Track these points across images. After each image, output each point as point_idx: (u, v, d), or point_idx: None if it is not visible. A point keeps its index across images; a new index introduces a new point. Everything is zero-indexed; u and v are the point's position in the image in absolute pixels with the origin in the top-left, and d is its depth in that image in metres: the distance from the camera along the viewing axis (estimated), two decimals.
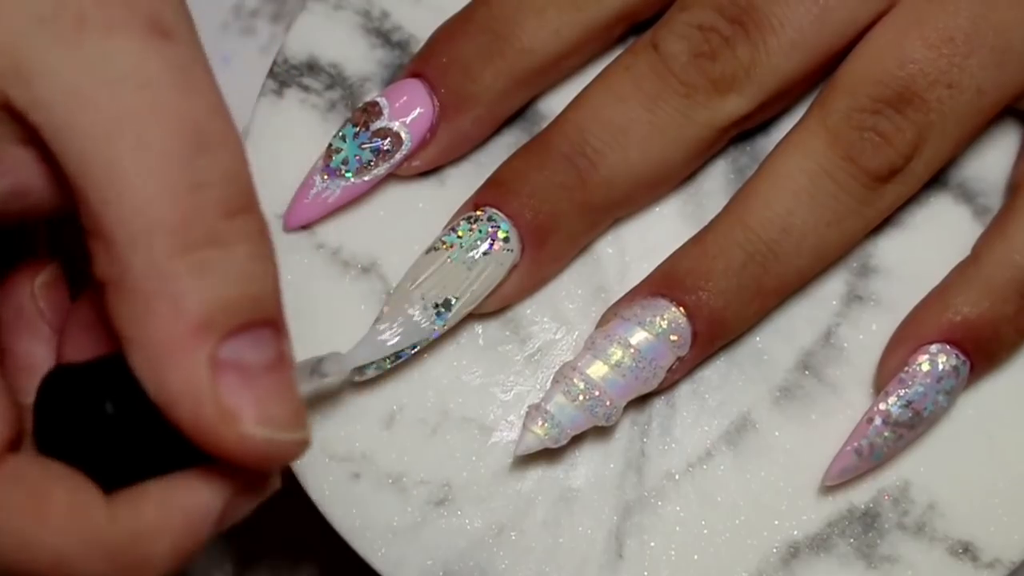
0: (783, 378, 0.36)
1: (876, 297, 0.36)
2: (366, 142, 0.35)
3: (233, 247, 0.26)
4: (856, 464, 0.34)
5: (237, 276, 0.26)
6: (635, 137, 0.34)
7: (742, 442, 0.35)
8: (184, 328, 0.25)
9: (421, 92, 0.35)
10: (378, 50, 0.37)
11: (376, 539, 0.34)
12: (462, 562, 0.34)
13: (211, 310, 0.26)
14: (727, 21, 0.34)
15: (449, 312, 0.34)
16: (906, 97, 0.33)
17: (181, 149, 0.26)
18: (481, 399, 0.35)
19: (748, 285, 0.34)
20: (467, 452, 0.35)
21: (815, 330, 0.36)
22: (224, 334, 0.26)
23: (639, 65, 0.34)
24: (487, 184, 0.35)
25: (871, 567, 0.34)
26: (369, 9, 0.37)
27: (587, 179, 0.34)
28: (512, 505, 0.35)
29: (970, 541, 0.35)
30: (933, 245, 0.36)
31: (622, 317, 0.34)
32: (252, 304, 0.26)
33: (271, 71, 0.37)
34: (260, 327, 0.26)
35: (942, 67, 0.33)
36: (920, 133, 0.33)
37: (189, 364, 0.25)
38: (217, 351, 0.26)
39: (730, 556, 0.35)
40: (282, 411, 0.26)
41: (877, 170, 0.33)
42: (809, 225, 0.34)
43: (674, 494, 0.35)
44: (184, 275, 0.25)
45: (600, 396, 0.33)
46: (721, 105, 0.34)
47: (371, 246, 0.36)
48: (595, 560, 0.34)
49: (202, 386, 0.25)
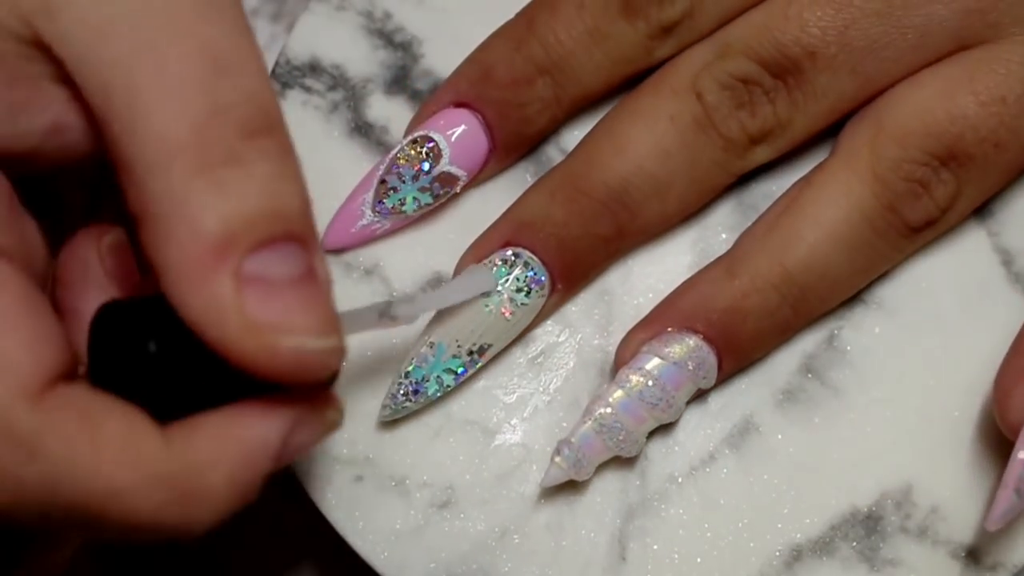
0: (786, 381, 0.36)
1: (879, 300, 0.36)
2: (427, 186, 0.35)
3: (253, 165, 0.26)
4: (1016, 504, 0.33)
5: (258, 192, 0.26)
6: (676, 193, 0.34)
7: (745, 445, 0.35)
8: (204, 246, 0.25)
9: (477, 132, 0.35)
10: (380, 51, 0.37)
11: (379, 542, 0.34)
12: (465, 565, 0.34)
13: (231, 226, 0.25)
14: (771, 76, 0.34)
15: (482, 357, 0.34)
16: (954, 152, 0.33)
17: (200, 72, 0.26)
18: (484, 402, 0.35)
19: (778, 325, 0.34)
20: (470, 455, 0.35)
21: (817, 333, 0.36)
22: (247, 249, 0.25)
23: (683, 115, 0.34)
24: (519, 222, 0.35)
25: (873, 570, 0.35)
26: (372, 10, 0.37)
27: (625, 231, 0.34)
28: (515, 508, 0.35)
29: (972, 545, 0.35)
30: (936, 248, 0.36)
31: (654, 354, 0.34)
32: (275, 219, 0.26)
33: (273, 72, 0.37)
34: (285, 241, 0.26)
35: (991, 126, 0.33)
36: (960, 186, 0.34)
37: (213, 282, 0.25)
38: (240, 267, 0.25)
39: (733, 559, 0.35)
40: (310, 319, 0.26)
41: (916, 222, 0.34)
42: (844, 272, 0.34)
43: (677, 497, 0.35)
44: (201, 194, 0.25)
45: (627, 431, 0.33)
46: (751, 156, 0.34)
47: (374, 249, 0.36)
48: (598, 563, 0.34)
49: (227, 302, 0.25)
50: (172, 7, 0.26)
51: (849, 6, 0.33)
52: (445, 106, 0.35)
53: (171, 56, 0.26)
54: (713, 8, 0.34)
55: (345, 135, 0.37)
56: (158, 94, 0.25)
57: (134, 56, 0.26)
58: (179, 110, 0.25)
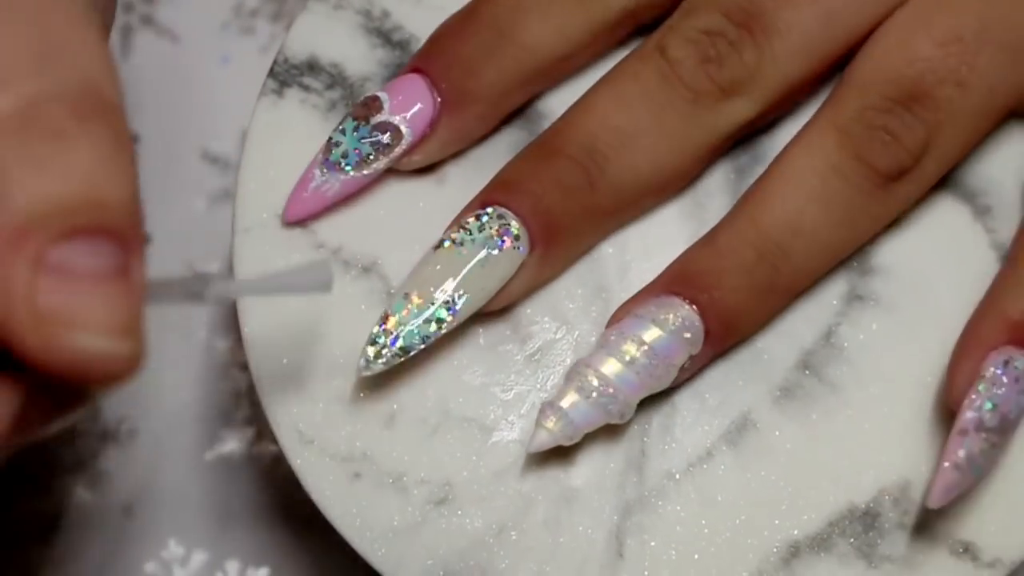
0: (783, 377, 0.36)
1: (876, 297, 0.36)
2: (366, 136, 0.35)
3: (78, 147, 0.24)
4: (958, 480, 0.33)
5: (79, 177, 0.24)
6: (643, 144, 0.34)
7: (742, 442, 0.35)
8: (10, 223, 0.23)
9: (422, 87, 0.35)
10: (379, 50, 0.37)
11: (376, 539, 0.34)
12: (462, 562, 0.34)
13: (42, 207, 0.24)
14: (734, 26, 0.34)
15: (458, 308, 0.34)
16: (916, 96, 0.33)
17: (30, 49, 0.25)
18: (481, 399, 0.35)
19: (760, 284, 0.34)
20: (467, 452, 0.35)
21: (815, 329, 0.36)
22: (55, 235, 0.24)
23: (646, 72, 0.34)
24: (494, 183, 0.35)
25: (872, 567, 0.34)
26: (370, 9, 0.37)
27: (596, 183, 0.34)
28: (512, 505, 0.35)
29: (971, 541, 0.35)
30: (933, 245, 0.36)
31: (635, 315, 0.34)
32: (93, 208, 0.24)
33: (271, 71, 0.37)
34: (99, 234, 0.24)
35: (951, 65, 0.33)
36: (930, 132, 0.33)
37: (10, 261, 0.23)
38: (45, 252, 0.23)
39: (730, 556, 0.35)
40: (104, 317, 0.24)
41: (887, 169, 0.34)
42: (820, 225, 0.34)
43: (674, 494, 0.35)
44: (15, 168, 0.24)
45: (613, 393, 0.33)
46: (727, 110, 0.34)
47: (372, 246, 0.36)
48: (595, 560, 0.34)
49: (19, 286, 0.23)
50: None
51: None
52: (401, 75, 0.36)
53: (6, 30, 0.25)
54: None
55: None
56: None
57: None
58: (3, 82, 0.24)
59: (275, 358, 0.35)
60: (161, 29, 0.46)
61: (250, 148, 0.36)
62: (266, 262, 0.36)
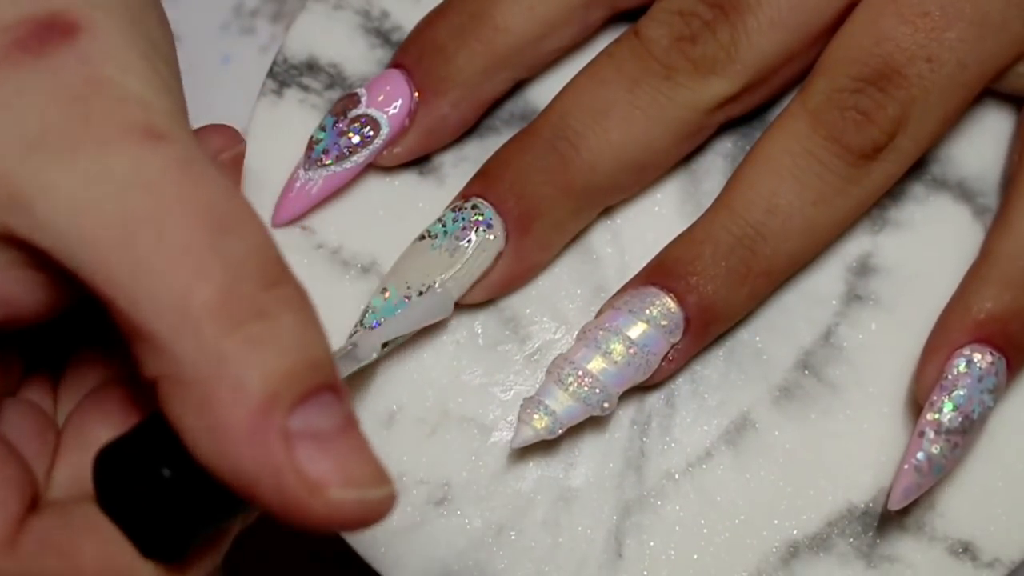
0: (783, 378, 0.36)
1: (875, 297, 0.36)
2: (344, 130, 0.35)
3: (280, 317, 0.26)
4: (918, 481, 0.33)
5: (291, 345, 0.25)
6: (616, 119, 0.34)
7: (742, 442, 0.35)
8: (251, 407, 0.25)
9: (400, 80, 0.35)
10: (378, 50, 0.37)
11: (376, 538, 0.34)
12: (461, 562, 0.34)
13: (273, 383, 0.25)
14: (707, 6, 0.34)
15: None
16: (885, 74, 0.33)
17: (202, 233, 0.25)
18: (481, 399, 0.35)
19: (737, 268, 0.34)
20: (467, 452, 0.35)
21: (814, 330, 0.36)
22: (291, 405, 0.25)
23: (621, 51, 0.34)
24: (474, 176, 0.35)
25: (871, 566, 0.34)
26: (369, 9, 0.38)
27: (569, 162, 0.34)
28: (511, 505, 0.35)
29: (970, 541, 0.35)
30: (933, 245, 0.36)
31: (614, 307, 0.34)
32: (311, 371, 0.26)
33: (271, 71, 0.37)
34: (323, 392, 0.26)
35: (920, 41, 0.33)
36: (903, 109, 0.33)
37: (263, 442, 0.25)
38: (287, 423, 0.25)
39: (730, 556, 0.35)
40: (365, 469, 0.26)
41: (860, 148, 0.33)
42: (795, 205, 0.34)
43: (674, 494, 0.35)
44: (238, 353, 0.25)
45: (595, 386, 0.33)
46: (704, 87, 0.34)
47: (371, 246, 0.36)
48: (594, 560, 0.34)
49: (280, 462, 0.25)
50: (156, 179, 0.26)
51: None
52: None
53: (167, 222, 0.25)
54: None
55: None
56: (164, 261, 0.25)
57: (127, 229, 0.25)
58: (191, 272, 0.25)
59: None
60: None
61: (250, 148, 0.36)
62: None
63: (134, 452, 0.27)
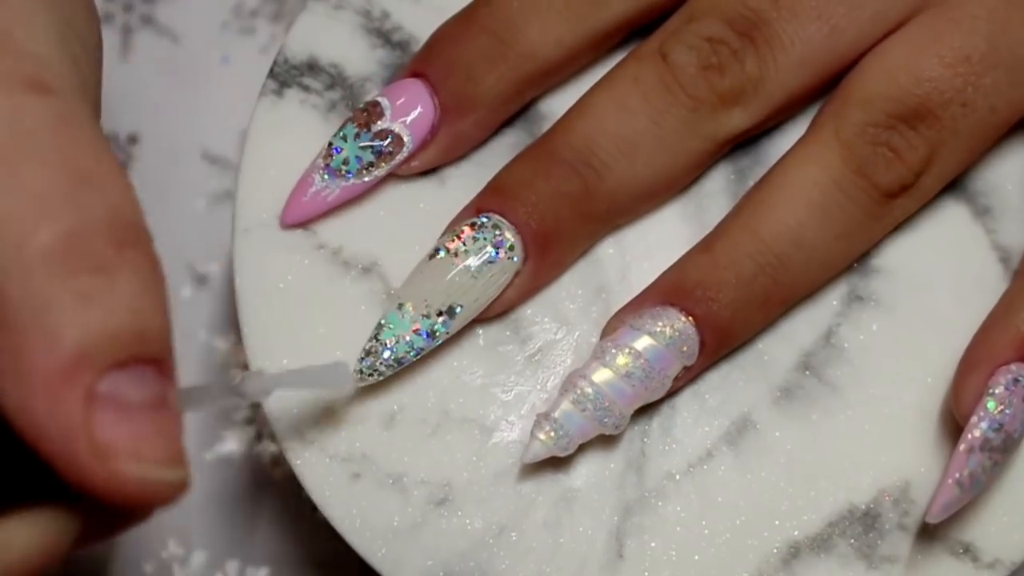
0: (783, 378, 0.36)
1: (876, 297, 0.36)
2: (368, 143, 0.35)
3: (120, 277, 0.25)
4: (959, 497, 0.33)
5: (124, 308, 0.25)
6: (642, 150, 0.34)
7: (742, 442, 0.35)
8: (61, 359, 0.24)
9: (422, 92, 0.35)
10: (379, 50, 0.37)
11: (376, 539, 0.34)
12: (462, 562, 0.34)
13: (90, 341, 0.24)
14: (736, 34, 0.34)
15: (453, 320, 0.34)
16: (920, 114, 0.33)
17: (60, 182, 0.25)
18: (482, 399, 0.35)
19: (757, 296, 0.34)
20: (467, 452, 0.35)
21: (815, 330, 0.36)
22: (103, 367, 0.25)
23: (647, 76, 0.34)
24: (489, 189, 0.35)
25: (872, 567, 0.34)
26: (370, 9, 0.37)
27: (592, 190, 0.34)
28: (512, 505, 0.35)
29: (971, 542, 0.35)
30: (934, 245, 0.36)
31: (631, 326, 0.34)
32: (137, 339, 0.25)
33: (271, 71, 0.37)
34: (144, 364, 0.25)
35: (957, 86, 0.33)
36: (932, 150, 0.34)
37: (64, 397, 0.24)
38: (95, 385, 0.25)
39: (730, 556, 0.35)
40: (159, 450, 0.25)
41: (888, 186, 0.34)
42: (819, 238, 0.34)
43: (674, 494, 0.35)
44: (63, 303, 0.24)
45: (608, 404, 0.33)
46: (726, 119, 0.34)
47: (372, 246, 0.36)
48: (595, 560, 0.34)
49: (75, 420, 0.24)
50: (30, 127, 0.26)
51: None
52: (400, 78, 0.36)
53: (26, 168, 0.25)
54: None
55: None
56: (13, 200, 0.25)
57: None
58: (39, 215, 0.25)
59: (275, 358, 0.35)
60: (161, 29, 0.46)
61: (250, 148, 0.36)
62: (266, 262, 0.36)
63: None
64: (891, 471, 0.35)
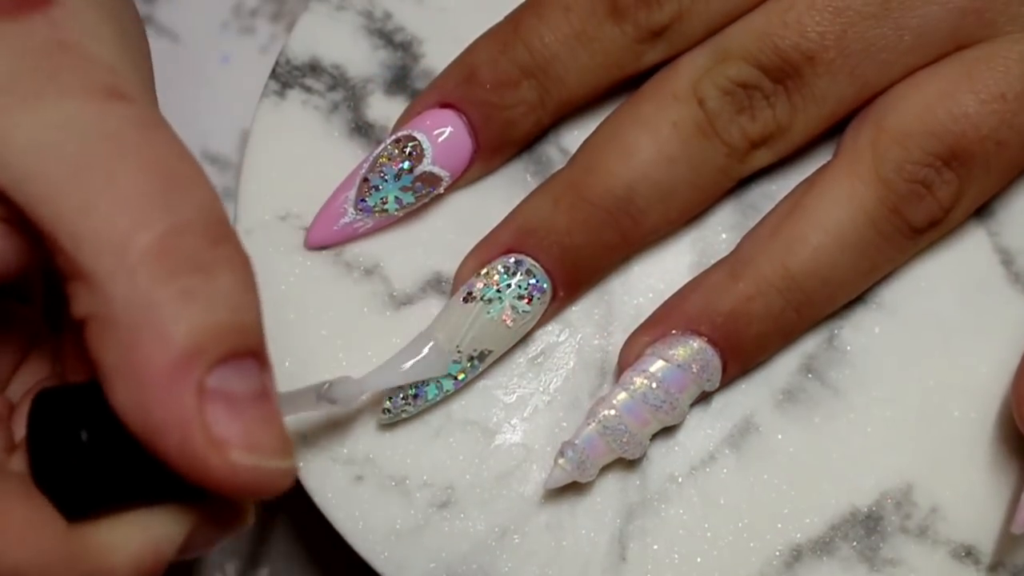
0: (786, 381, 0.36)
1: (879, 300, 0.36)
2: (409, 185, 0.35)
3: (218, 274, 0.26)
4: None
5: (224, 304, 0.26)
6: (678, 196, 0.34)
7: (745, 445, 0.35)
8: (172, 356, 0.25)
9: (460, 131, 0.35)
10: (380, 51, 0.37)
11: (379, 541, 0.34)
12: (465, 565, 0.34)
13: (198, 338, 0.25)
14: (771, 81, 0.34)
15: (482, 363, 0.34)
16: (956, 152, 0.33)
17: (152, 185, 0.26)
18: (484, 402, 0.35)
19: (782, 328, 0.34)
20: (470, 455, 0.35)
21: (818, 333, 0.36)
22: (211, 362, 0.25)
23: (685, 122, 0.34)
24: (521, 230, 0.34)
25: (874, 570, 0.34)
26: (372, 10, 0.37)
27: (630, 238, 0.34)
28: (515, 508, 0.35)
29: (973, 545, 0.35)
30: (935, 248, 0.36)
31: (656, 354, 0.34)
32: (239, 333, 0.26)
33: (273, 72, 0.37)
34: (246, 357, 0.26)
35: (993, 124, 0.33)
36: (963, 186, 0.34)
37: (177, 393, 0.25)
38: (205, 379, 0.25)
39: (733, 559, 0.35)
40: (269, 440, 0.26)
41: (920, 223, 0.34)
42: (848, 276, 0.34)
43: (677, 497, 0.35)
44: (169, 302, 0.25)
45: (631, 431, 0.33)
46: (751, 159, 0.35)
47: (374, 248, 0.36)
48: (598, 563, 0.34)
49: (190, 415, 0.25)
50: (114, 131, 0.26)
51: (847, 10, 0.33)
52: (431, 107, 0.35)
53: (121, 170, 0.26)
54: (703, 13, 0.34)
55: (345, 135, 0.37)
56: (112, 204, 0.26)
57: (82, 170, 0.26)
58: (137, 218, 0.25)
59: (277, 360, 0.35)
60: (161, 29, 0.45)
61: (252, 149, 0.36)
62: (267, 263, 0.36)
63: (61, 411, 0.27)
64: (893, 474, 0.35)
